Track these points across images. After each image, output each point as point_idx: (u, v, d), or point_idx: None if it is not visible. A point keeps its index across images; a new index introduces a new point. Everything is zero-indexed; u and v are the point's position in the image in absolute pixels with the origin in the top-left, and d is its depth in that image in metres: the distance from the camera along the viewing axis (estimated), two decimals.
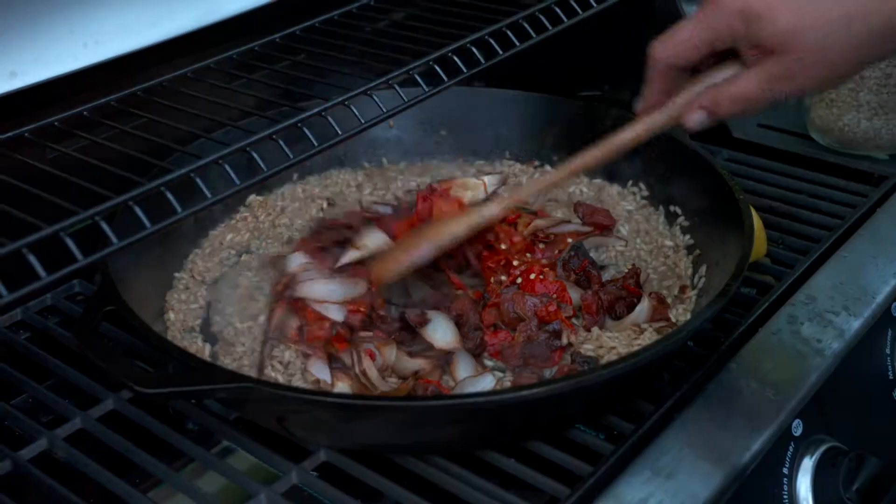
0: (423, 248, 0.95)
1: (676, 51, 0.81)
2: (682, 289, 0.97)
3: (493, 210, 0.96)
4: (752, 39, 0.76)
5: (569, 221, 1.06)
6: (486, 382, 0.83)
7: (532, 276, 0.93)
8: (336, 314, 0.90)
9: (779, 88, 0.76)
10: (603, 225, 1.05)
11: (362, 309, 0.91)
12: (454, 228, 0.96)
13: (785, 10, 0.74)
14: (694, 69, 0.83)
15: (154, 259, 0.99)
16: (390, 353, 0.87)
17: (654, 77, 0.84)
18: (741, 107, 0.79)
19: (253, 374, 0.88)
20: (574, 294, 0.94)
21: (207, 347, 0.93)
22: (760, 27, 0.75)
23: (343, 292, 0.93)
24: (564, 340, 0.88)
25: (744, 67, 0.78)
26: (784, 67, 0.75)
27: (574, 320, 0.93)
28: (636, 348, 0.88)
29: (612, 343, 0.89)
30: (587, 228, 1.05)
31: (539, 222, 1.04)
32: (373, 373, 0.84)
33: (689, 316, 0.93)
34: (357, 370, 0.84)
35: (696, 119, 0.81)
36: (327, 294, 0.92)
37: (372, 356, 0.85)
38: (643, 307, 0.91)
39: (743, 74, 0.78)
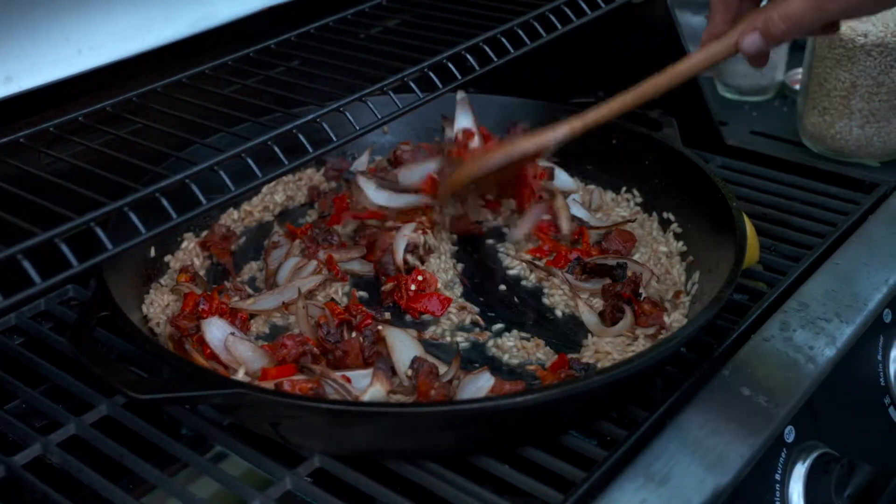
0: (494, 157, 1.01)
1: None
2: (676, 294, 0.98)
3: (563, 131, 0.98)
4: None
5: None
6: (484, 380, 0.83)
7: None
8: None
9: (825, 5, 0.78)
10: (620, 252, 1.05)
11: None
12: (525, 145, 1.00)
13: None
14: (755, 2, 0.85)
15: (146, 264, 0.99)
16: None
17: (715, 5, 0.86)
18: (792, 26, 0.80)
19: None
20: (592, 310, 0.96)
21: None
22: None
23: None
24: None
25: None
26: None
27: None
28: (630, 354, 0.88)
29: (608, 348, 0.90)
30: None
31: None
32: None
33: (682, 321, 0.93)
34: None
35: (750, 41, 0.83)
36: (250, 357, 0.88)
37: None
38: (626, 320, 0.92)
39: None
